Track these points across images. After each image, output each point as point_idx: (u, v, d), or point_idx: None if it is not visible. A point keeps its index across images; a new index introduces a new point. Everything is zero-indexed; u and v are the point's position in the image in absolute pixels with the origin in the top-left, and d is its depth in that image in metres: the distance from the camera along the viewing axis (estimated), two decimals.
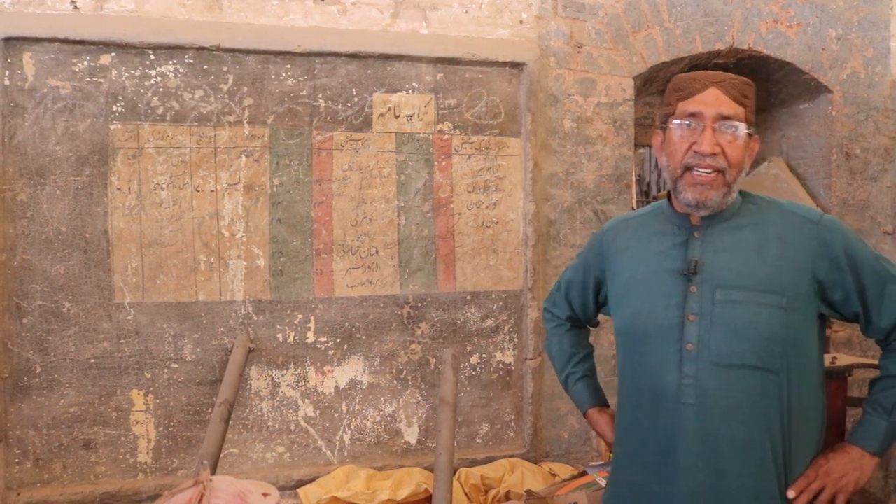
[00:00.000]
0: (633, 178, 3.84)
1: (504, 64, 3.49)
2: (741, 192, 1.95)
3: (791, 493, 1.83)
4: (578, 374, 2.42)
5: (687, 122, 1.89)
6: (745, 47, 3.89)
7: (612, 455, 2.18)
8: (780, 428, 1.85)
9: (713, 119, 1.86)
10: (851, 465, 1.84)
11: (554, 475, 3.38)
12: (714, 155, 1.85)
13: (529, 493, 3.04)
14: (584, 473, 3.20)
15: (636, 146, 3.98)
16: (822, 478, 1.83)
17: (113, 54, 3.05)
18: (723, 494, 1.88)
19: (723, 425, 1.87)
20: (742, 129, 1.85)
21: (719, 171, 1.86)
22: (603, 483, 2.89)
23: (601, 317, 2.43)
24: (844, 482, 1.84)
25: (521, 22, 3.55)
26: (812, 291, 1.85)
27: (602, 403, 2.40)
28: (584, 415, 2.41)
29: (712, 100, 1.87)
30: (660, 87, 4.29)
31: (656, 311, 1.97)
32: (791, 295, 1.84)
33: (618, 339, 2.11)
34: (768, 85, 4.30)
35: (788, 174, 4.21)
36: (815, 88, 4.13)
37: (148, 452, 3.14)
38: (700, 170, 1.86)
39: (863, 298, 1.85)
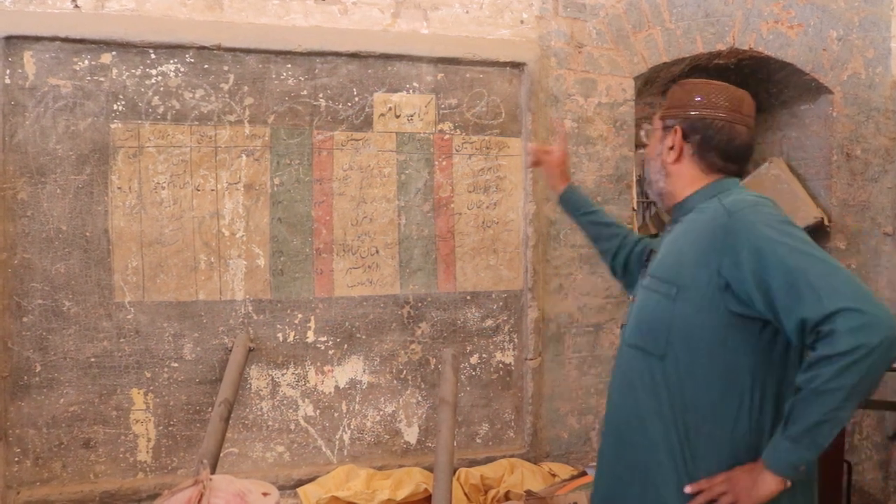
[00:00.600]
0: (634, 179, 3.84)
1: (505, 64, 3.49)
2: (726, 191, 2.00)
3: (688, 489, 1.86)
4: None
5: None
6: (746, 48, 3.89)
7: None
8: (673, 417, 1.90)
9: None
10: (752, 477, 1.79)
11: (554, 475, 3.38)
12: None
13: (529, 493, 3.04)
14: (583, 473, 3.21)
15: (637, 146, 3.97)
16: (726, 483, 1.82)
17: (114, 53, 3.05)
18: (621, 461, 2.03)
19: (623, 398, 2.05)
20: (650, 128, 2.15)
21: None
22: None
23: (600, 317, 2.54)
24: (742, 493, 1.79)
25: (521, 22, 3.55)
26: (715, 286, 1.83)
27: (572, 188, 2.66)
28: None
29: None
30: (660, 87, 4.29)
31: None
32: (684, 286, 1.88)
33: None
34: (769, 86, 4.30)
35: (789, 175, 4.21)
36: (815, 89, 4.13)
37: (148, 451, 3.14)
38: None
39: (767, 296, 1.74)
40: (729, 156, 2.02)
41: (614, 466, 2.07)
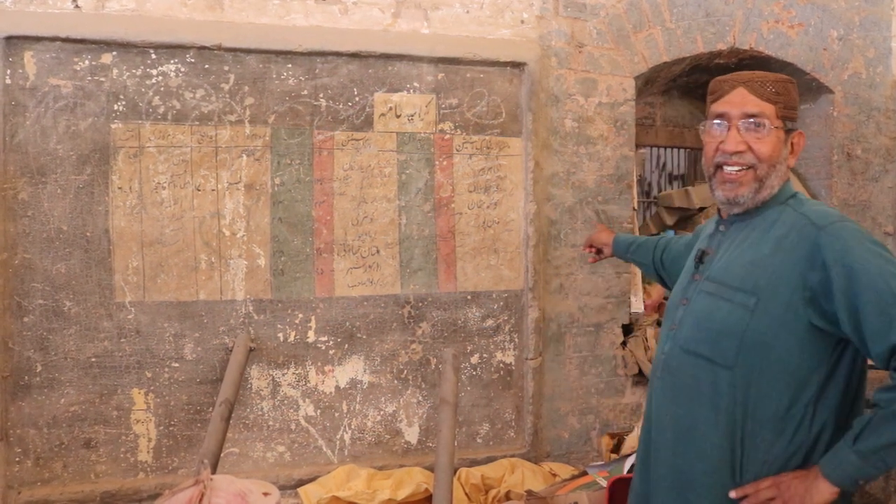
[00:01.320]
0: (635, 178, 3.85)
1: (505, 64, 3.49)
2: (794, 195, 1.97)
3: (732, 493, 1.85)
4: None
5: (716, 123, 1.98)
6: (747, 47, 3.90)
7: None
8: (731, 426, 1.87)
9: (738, 118, 1.93)
10: (805, 485, 1.77)
11: (554, 475, 3.39)
12: (739, 153, 1.92)
13: (530, 493, 3.05)
14: (584, 473, 3.21)
15: (637, 146, 3.98)
16: (775, 488, 1.81)
17: (114, 53, 3.05)
18: (672, 469, 1.99)
19: (674, 405, 2.00)
20: (767, 125, 1.90)
21: (749, 167, 1.92)
22: (603, 483, 2.90)
23: (601, 317, 2.50)
24: (794, 499, 1.77)
25: (522, 22, 3.55)
26: (800, 299, 1.80)
27: (619, 238, 2.86)
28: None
29: (738, 99, 1.94)
30: (661, 86, 4.29)
31: (676, 291, 2.15)
32: (764, 297, 1.83)
33: None
34: None
35: (790, 174, 4.21)
36: (816, 89, 4.14)
37: (148, 451, 3.14)
38: (729, 168, 1.94)
39: (855, 317, 1.71)
40: None
41: (667, 469, 2.04)
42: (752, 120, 1.92)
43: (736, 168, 1.93)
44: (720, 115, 1.97)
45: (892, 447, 1.67)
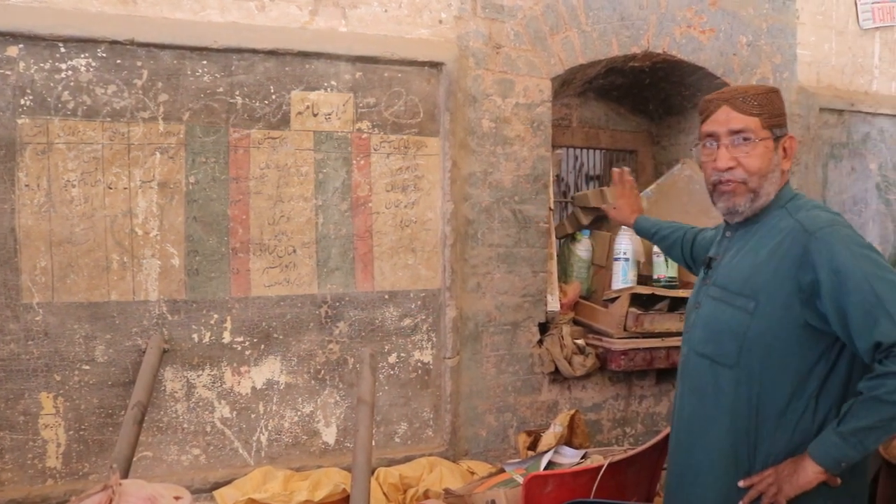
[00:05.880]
0: (551, 179, 4.00)
1: (423, 63, 3.61)
2: (793, 197, 2.18)
3: (741, 483, 2.08)
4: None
5: (707, 143, 2.22)
6: (660, 51, 4.10)
7: None
8: (738, 421, 2.10)
9: (726, 135, 2.15)
10: (795, 466, 2.00)
11: (472, 473, 3.51)
12: (730, 169, 2.14)
13: (448, 491, 3.16)
14: (501, 471, 3.33)
15: (554, 147, 4.13)
16: (773, 475, 2.04)
17: (21, 46, 3.05)
18: (683, 462, 2.26)
19: (689, 404, 2.24)
20: (753, 138, 2.11)
21: (741, 181, 2.14)
22: (520, 480, 3.02)
23: (517, 316, 2.85)
24: (784, 481, 2.00)
25: (440, 22, 3.67)
26: (795, 300, 2.01)
27: (640, 223, 3.17)
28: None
29: (723, 118, 2.16)
30: (577, 88, 4.46)
31: (692, 294, 2.38)
32: (762, 300, 2.05)
33: None
34: (682, 88, 4.53)
35: (700, 175, 4.42)
36: None
37: (57, 457, 3.15)
38: (722, 185, 2.17)
39: (843, 317, 1.93)
40: None
41: (678, 466, 2.28)
42: (738, 136, 2.12)
43: (728, 184, 2.15)
44: (709, 135, 2.20)
45: (869, 430, 1.90)
